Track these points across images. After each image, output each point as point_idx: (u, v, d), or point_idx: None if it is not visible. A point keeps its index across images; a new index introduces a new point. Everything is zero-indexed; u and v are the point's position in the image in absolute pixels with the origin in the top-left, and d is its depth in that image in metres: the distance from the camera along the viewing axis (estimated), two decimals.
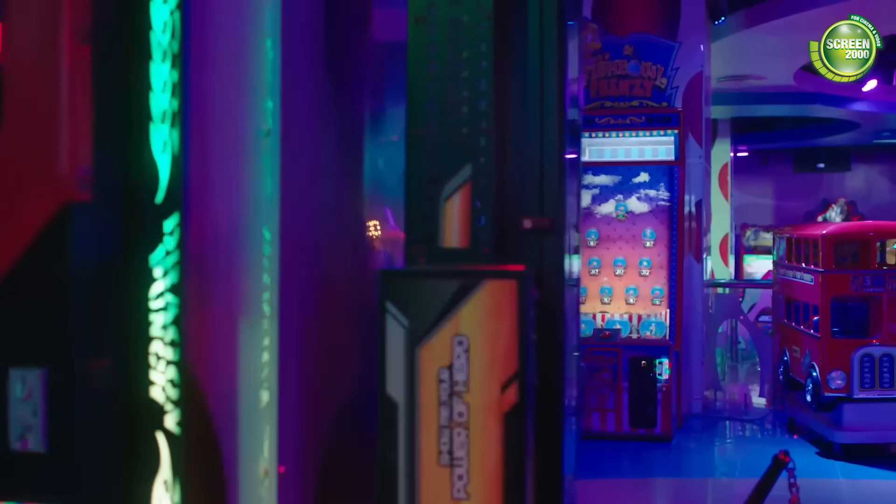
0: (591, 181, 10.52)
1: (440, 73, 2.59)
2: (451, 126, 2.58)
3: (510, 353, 2.49)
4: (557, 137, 2.68)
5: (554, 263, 2.69)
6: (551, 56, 2.67)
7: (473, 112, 2.58)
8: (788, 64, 14.01)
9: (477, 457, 2.50)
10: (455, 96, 2.59)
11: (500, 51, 2.65)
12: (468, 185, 2.56)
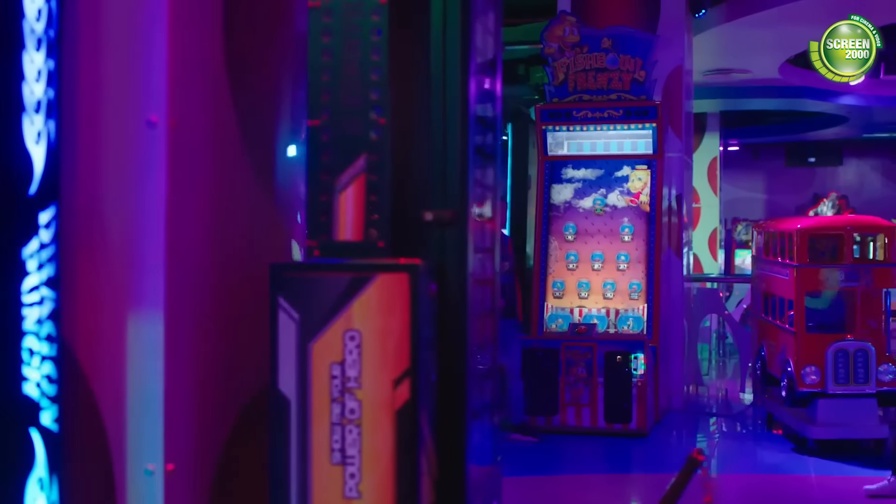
0: (572, 175, 10.46)
1: (334, 62, 2.53)
2: (345, 117, 2.53)
3: (402, 348, 2.44)
4: (460, 127, 2.62)
5: (456, 257, 2.62)
6: (454, 41, 2.61)
7: (368, 103, 2.52)
8: (773, 57, 13.95)
9: (369, 455, 2.45)
10: (349, 87, 2.53)
11: (399, 38, 2.59)
12: (362, 177, 2.50)
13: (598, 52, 10.36)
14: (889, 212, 20.39)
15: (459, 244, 2.62)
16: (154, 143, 2.45)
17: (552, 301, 10.13)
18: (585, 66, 10.41)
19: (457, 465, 2.63)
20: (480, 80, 2.80)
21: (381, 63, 2.51)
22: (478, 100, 2.77)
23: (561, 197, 10.42)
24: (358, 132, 2.52)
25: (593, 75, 10.40)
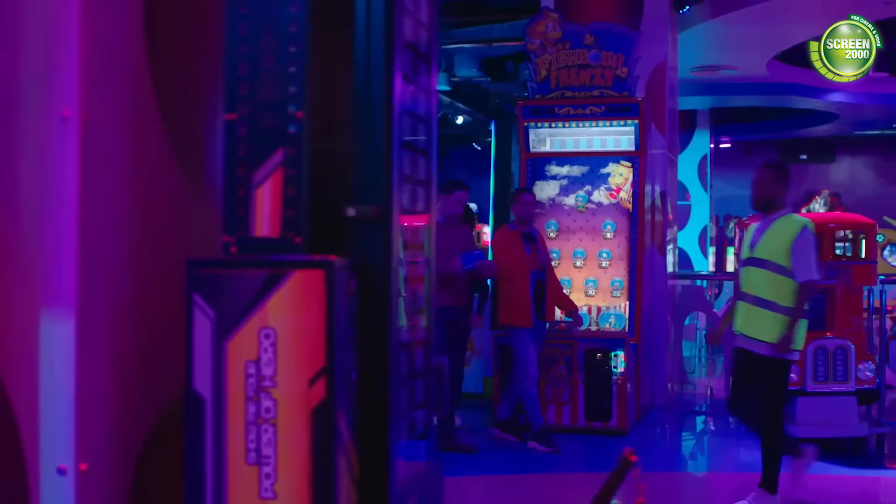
0: (556, 172, 10.42)
1: (251, 54, 2.48)
2: (262, 110, 2.48)
3: (318, 347, 2.39)
4: (385, 120, 2.57)
5: (381, 254, 2.58)
6: (379, 32, 2.56)
7: (286, 96, 2.47)
8: (760, 54, 13.92)
9: (285, 454, 2.40)
10: (266, 79, 2.48)
11: (320, 29, 2.54)
12: (279, 172, 2.45)
13: (580, 49, 10.32)
14: (882, 209, 20.37)
15: (384, 241, 2.57)
16: (66, 138, 2.41)
17: None
18: (568, 63, 10.37)
19: (380, 467, 2.58)
20: (410, 73, 2.75)
21: (299, 55, 2.46)
22: (407, 93, 2.72)
23: (545, 194, 10.36)
24: (275, 126, 2.47)
25: (576, 72, 10.35)
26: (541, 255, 8.76)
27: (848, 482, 7.62)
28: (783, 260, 6.38)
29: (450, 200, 8.53)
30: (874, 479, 7.85)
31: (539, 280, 8.69)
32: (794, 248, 6.37)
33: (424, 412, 2.95)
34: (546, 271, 8.82)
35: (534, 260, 8.63)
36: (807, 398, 8.48)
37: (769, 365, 6.45)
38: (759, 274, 6.50)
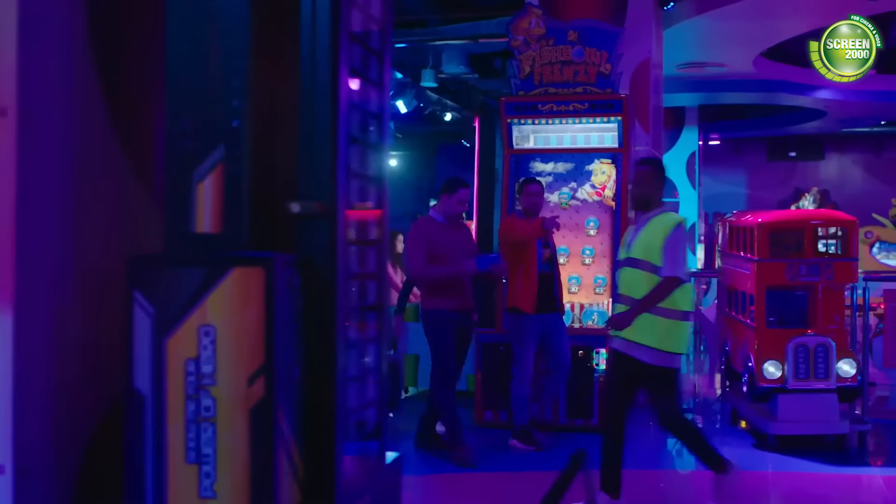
0: (541, 168, 10.37)
1: (194, 48, 2.45)
2: (204, 105, 2.44)
3: (258, 344, 2.36)
4: (331, 116, 2.54)
5: (326, 250, 2.55)
6: (324, 27, 2.53)
7: (228, 90, 2.44)
8: (746, 51, 13.87)
9: (224, 453, 2.38)
10: (208, 73, 2.45)
11: (265, 24, 2.51)
12: (220, 168, 2.42)
13: (563, 45, 10.28)
14: (870, 206, 20.37)
15: (329, 237, 2.54)
16: (3, 132, 2.37)
17: None
18: (551, 59, 10.33)
19: (326, 466, 2.55)
20: (359, 68, 2.72)
21: (241, 49, 2.43)
22: (355, 89, 2.69)
23: None
24: (217, 120, 2.44)
25: (559, 68, 10.31)
26: (550, 248, 8.65)
27: (829, 480, 7.60)
28: (658, 259, 6.10)
29: (451, 200, 8.28)
30: (855, 477, 7.82)
31: (546, 272, 8.59)
32: (666, 244, 6.09)
33: (377, 410, 2.92)
34: (555, 265, 8.75)
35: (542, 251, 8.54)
36: (787, 395, 8.46)
37: (651, 371, 6.16)
38: (634, 275, 6.21)
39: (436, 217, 8.29)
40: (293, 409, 2.45)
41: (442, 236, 8.10)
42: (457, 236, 8.29)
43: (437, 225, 8.20)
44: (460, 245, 8.25)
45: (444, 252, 8.05)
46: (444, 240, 8.09)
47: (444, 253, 8.05)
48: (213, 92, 2.43)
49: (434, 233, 8.11)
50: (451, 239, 8.14)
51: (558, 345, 8.63)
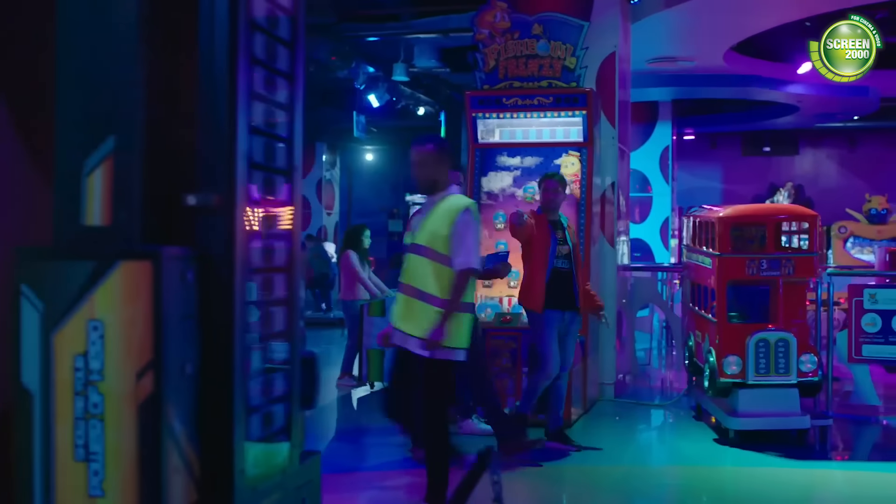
0: (509, 163, 10.33)
1: (84, 33, 2.39)
2: (94, 95, 2.39)
3: (146, 339, 2.31)
4: (229, 104, 2.49)
5: (223, 243, 2.49)
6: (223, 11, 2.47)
7: (119, 80, 2.38)
8: (716, 45, 13.86)
9: (113, 451, 2.32)
10: (99, 60, 2.39)
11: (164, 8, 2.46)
12: (111, 159, 2.36)
13: (528, 39, 10.26)
14: (844, 201, 20.40)
15: (226, 230, 2.49)
16: None
17: (482, 290, 10.00)
18: (516, 53, 10.30)
19: (224, 464, 2.50)
20: (264, 58, 2.67)
21: (132, 35, 2.37)
22: (259, 77, 2.64)
23: (498, 185, 10.29)
24: (108, 110, 2.38)
25: (524, 62, 10.29)
26: (569, 245, 8.34)
27: (787, 476, 7.59)
28: (444, 247, 5.66)
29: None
30: (814, 473, 7.81)
31: (564, 269, 8.28)
32: (454, 231, 5.63)
33: (286, 406, 2.87)
34: (574, 262, 8.37)
35: (558, 248, 8.25)
36: (748, 390, 8.45)
37: (426, 365, 5.66)
38: (418, 262, 5.74)
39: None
40: (186, 406, 2.40)
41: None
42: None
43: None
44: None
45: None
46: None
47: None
48: (104, 80, 2.37)
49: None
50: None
51: (568, 345, 8.39)
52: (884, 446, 9.21)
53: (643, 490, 7.29)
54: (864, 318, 9.82)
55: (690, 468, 8.02)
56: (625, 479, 7.48)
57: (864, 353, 9.85)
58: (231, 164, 2.49)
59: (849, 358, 9.93)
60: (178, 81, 2.52)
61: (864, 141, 23.02)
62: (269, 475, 2.77)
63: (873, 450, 9.13)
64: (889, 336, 9.74)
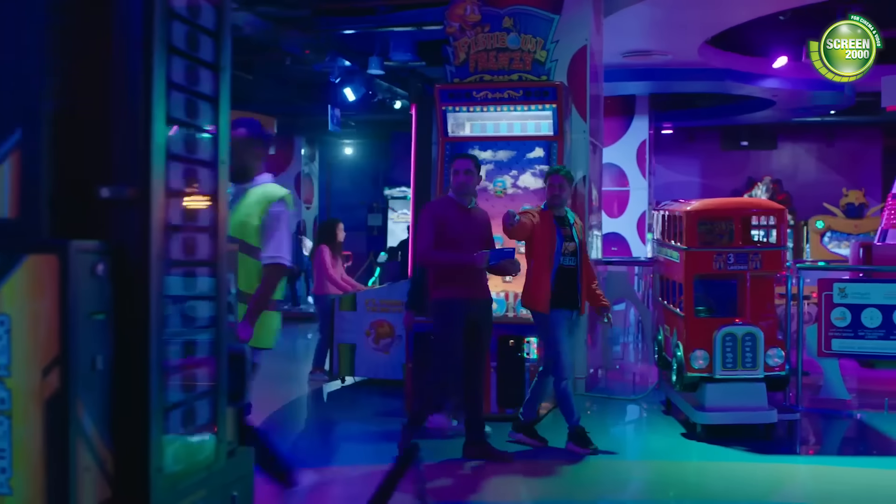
0: (482, 157, 10.26)
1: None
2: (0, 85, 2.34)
3: (52, 334, 2.26)
4: (144, 96, 2.44)
5: (138, 236, 2.45)
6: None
7: (26, 69, 2.34)
8: (690, 39, 13.83)
9: (19, 448, 2.28)
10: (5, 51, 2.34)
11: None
12: (18, 151, 2.32)
13: (499, 32, 10.22)
14: (822, 196, 20.47)
15: (142, 223, 2.45)
16: None
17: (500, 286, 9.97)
18: (486, 46, 10.27)
19: (139, 461, 2.46)
20: (184, 46, 2.62)
21: (40, 23, 2.32)
22: (178, 67, 2.59)
23: None
24: (15, 101, 2.34)
25: (494, 55, 10.25)
26: (575, 241, 8.06)
27: (755, 470, 7.58)
28: (254, 238, 5.32)
29: (451, 174, 7.80)
30: (783, 467, 7.79)
31: (570, 267, 8.02)
32: (265, 222, 5.32)
33: (211, 402, 2.83)
34: (581, 259, 8.08)
35: (564, 244, 7.98)
36: (715, 384, 8.45)
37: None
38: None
39: (453, 197, 7.75)
40: (98, 402, 2.36)
41: (457, 219, 7.59)
42: (473, 222, 7.73)
43: (454, 207, 7.67)
44: (476, 231, 7.70)
45: (456, 237, 7.53)
46: (458, 224, 7.58)
47: (456, 238, 7.53)
48: (10, 71, 2.33)
49: (449, 215, 7.59)
50: (467, 224, 7.60)
51: (570, 345, 8.16)
52: (851, 440, 9.23)
53: (606, 485, 7.27)
54: (833, 313, 9.85)
55: (656, 463, 8.02)
56: (589, 474, 7.45)
57: (833, 348, 9.88)
58: (146, 155, 2.45)
59: (818, 352, 9.95)
60: (91, 71, 2.47)
61: (841, 136, 23.06)
62: (193, 472, 2.73)
63: (840, 444, 9.14)
64: (858, 330, 9.77)
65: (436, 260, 7.57)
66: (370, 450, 8.38)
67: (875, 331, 9.71)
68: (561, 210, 8.16)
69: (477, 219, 7.81)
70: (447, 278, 7.55)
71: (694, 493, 7.11)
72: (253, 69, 17.95)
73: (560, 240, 7.99)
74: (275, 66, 17.36)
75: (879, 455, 8.36)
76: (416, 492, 2.66)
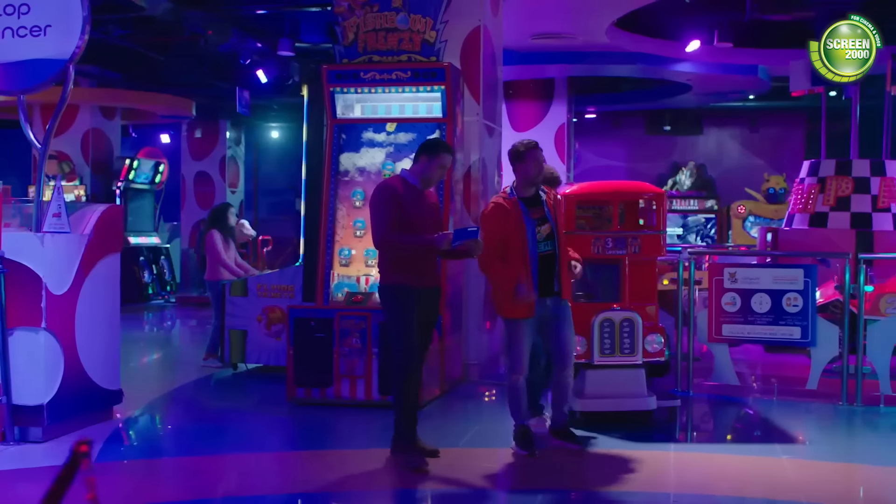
0: (380, 139, 10.07)
1: None
2: None
3: None
4: None
5: None
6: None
7: None
8: (597, 20, 13.68)
9: None
10: None
11: None
12: None
13: (388, 12, 10.02)
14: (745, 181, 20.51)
15: None
16: None
17: (339, 269, 9.78)
18: (375, 26, 10.06)
19: None
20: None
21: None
22: None
23: (368, 161, 10.03)
24: None
25: (383, 35, 10.05)
26: (550, 222, 7.34)
27: (635, 458, 7.43)
28: None
29: (433, 163, 7.24)
30: (661, 455, 7.65)
31: (548, 252, 7.34)
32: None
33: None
34: (558, 241, 7.37)
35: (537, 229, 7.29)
36: (594, 371, 8.33)
37: None
38: None
39: (409, 179, 7.27)
40: None
41: (414, 202, 7.14)
42: (427, 204, 7.29)
43: (411, 188, 7.20)
44: (430, 215, 7.28)
45: (414, 219, 7.09)
46: (415, 206, 7.13)
47: (414, 220, 7.08)
48: None
49: (406, 196, 7.11)
50: (421, 206, 7.17)
51: (559, 333, 7.47)
52: (731, 427, 9.15)
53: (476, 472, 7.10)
54: (723, 298, 9.76)
55: (488, 450, 7.82)
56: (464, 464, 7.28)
57: (723, 333, 9.80)
58: None
59: (709, 337, 9.87)
60: None
61: (765, 121, 23.08)
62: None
63: (720, 430, 9.04)
64: (748, 315, 9.69)
65: (394, 242, 7.05)
66: (230, 440, 8.21)
67: (764, 316, 9.63)
68: (530, 190, 7.41)
69: (430, 201, 7.39)
70: (401, 263, 7.09)
71: (560, 478, 6.97)
72: (168, 50, 17.63)
73: (531, 226, 7.28)
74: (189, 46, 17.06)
75: (759, 442, 8.26)
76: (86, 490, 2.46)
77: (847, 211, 12.88)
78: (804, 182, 13.43)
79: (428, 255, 7.14)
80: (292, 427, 8.81)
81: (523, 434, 7.54)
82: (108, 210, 8.54)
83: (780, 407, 9.41)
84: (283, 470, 7.29)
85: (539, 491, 6.65)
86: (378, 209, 7.14)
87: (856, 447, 8.36)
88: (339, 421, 8.75)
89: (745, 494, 6.57)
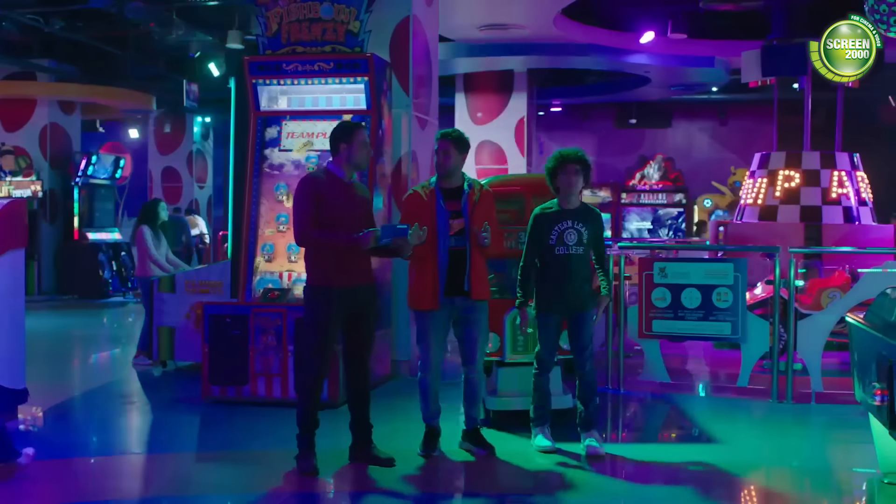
0: (307, 130, 9.83)
1: None
2: None
3: None
4: None
5: None
6: None
7: None
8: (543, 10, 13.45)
9: None
10: None
11: None
12: None
13: (312, 2, 9.81)
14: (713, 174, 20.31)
15: None
16: None
17: (262, 265, 9.57)
18: (299, 17, 9.85)
19: None
20: None
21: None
22: None
23: (293, 155, 9.82)
24: None
25: (307, 26, 9.83)
26: (464, 216, 7.03)
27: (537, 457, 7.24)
28: None
29: (353, 145, 6.80)
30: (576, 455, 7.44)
31: (457, 248, 7.05)
32: None
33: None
34: (469, 238, 7.03)
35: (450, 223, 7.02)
36: (506, 369, 8.15)
37: None
38: None
39: (334, 171, 6.86)
40: None
41: (337, 196, 6.75)
42: (355, 198, 6.90)
43: (335, 181, 6.80)
44: (357, 210, 6.90)
45: (338, 214, 6.74)
46: (339, 201, 6.75)
47: (338, 215, 6.74)
48: None
49: (328, 191, 6.74)
50: (348, 200, 6.80)
51: (465, 335, 7.25)
52: (652, 425, 8.96)
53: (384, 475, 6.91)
54: (654, 293, 9.57)
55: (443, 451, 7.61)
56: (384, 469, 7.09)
57: (654, 329, 9.62)
58: None
59: (639, 333, 9.69)
60: None
61: (733, 114, 22.85)
62: None
63: (639, 429, 8.85)
64: (678, 311, 9.50)
65: (315, 239, 6.73)
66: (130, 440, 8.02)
67: (695, 311, 9.43)
68: (449, 181, 7.17)
69: (358, 195, 7.00)
70: (324, 262, 6.75)
71: (458, 479, 6.79)
72: (126, 45, 17.42)
73: (443, 218, 7.01)
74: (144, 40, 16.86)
75: (678, 442, 8.08)
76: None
77: (797, 204, 12.68)
78: (755, 175, 13.23)
79: (354, 251, 6.76)
80: (199, 426, 8.61)
81: (427, 434, 7.37)
82: (9, 204, 8.34)
83: (709, 404, 9.21)
84: (178, 471, 7.11)
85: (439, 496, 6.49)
86: (298, 204, 6.83)
87: (773, 445, 8.13)
88: (249, 420, 8.55)
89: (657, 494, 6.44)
